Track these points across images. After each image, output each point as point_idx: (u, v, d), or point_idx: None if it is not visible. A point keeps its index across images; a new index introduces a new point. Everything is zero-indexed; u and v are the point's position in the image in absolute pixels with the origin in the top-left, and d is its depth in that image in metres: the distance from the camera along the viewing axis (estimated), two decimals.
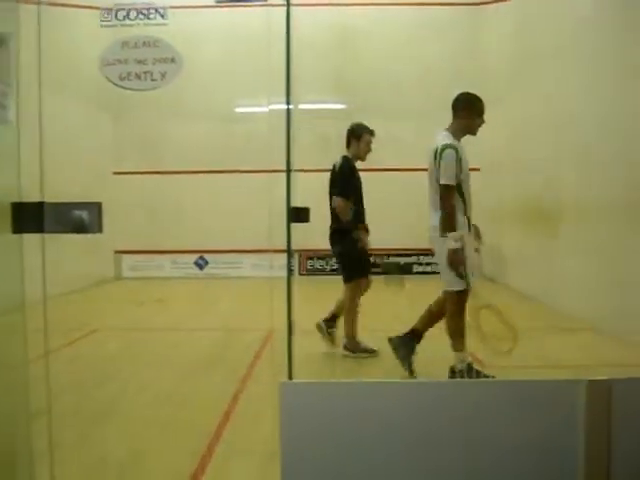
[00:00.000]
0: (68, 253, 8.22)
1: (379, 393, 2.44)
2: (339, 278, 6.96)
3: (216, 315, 9.52)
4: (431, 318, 6.09)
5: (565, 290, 8.64)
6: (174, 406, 5.29)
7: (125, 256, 13.84)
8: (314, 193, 11.18)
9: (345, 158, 6.98)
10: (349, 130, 7.01)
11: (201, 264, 13.93)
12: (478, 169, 13.21)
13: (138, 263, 13.77)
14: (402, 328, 6.14)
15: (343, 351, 6.85)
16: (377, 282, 6.92)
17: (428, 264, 13.86)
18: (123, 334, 8.20)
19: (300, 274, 13.57)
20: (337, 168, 7.02)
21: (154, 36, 4.01)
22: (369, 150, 6.98)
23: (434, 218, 5.61)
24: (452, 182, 5.47)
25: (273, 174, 4.37)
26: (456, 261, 5.45)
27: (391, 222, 13.39)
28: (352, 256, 6.85)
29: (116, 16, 4.12)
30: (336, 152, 7.04)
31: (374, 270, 13.50)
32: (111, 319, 9.17)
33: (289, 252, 4.02)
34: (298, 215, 3.84)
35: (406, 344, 6.08)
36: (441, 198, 5.50)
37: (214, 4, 12.75)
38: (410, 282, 13.10)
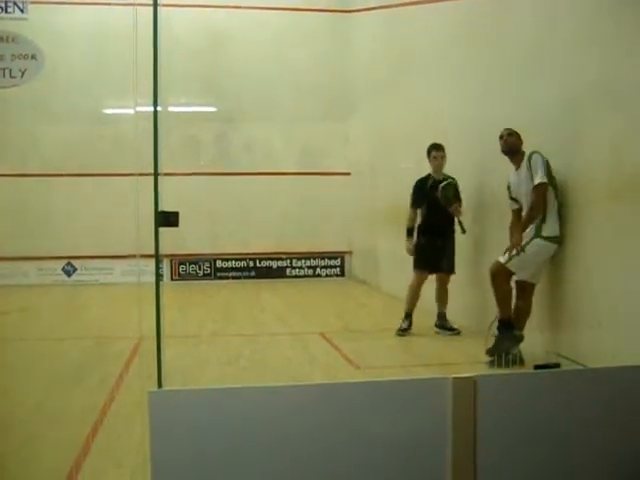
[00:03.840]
0: None
1: (250, 398, 2.42)
2: (212, 283, 6.90)
3: (85, 323, 9.19)
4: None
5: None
6: (41, 420, 5.05)
7: None
8: (186, 197, 11.06)
9: (427, 175, 8.11)
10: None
11: (69, 271, 13.44)
12: (348, 174, 13.52)
13: (1, 270, 13.09)
14: (282, 329, 6.12)
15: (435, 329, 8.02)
16: (253, 285, 6.87)
17: (301, 268, 13.96)
18: None
19: (172, 279, 13.33)
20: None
21: (13, 31, 3.82)
22: (438, 163, 7.99)
23: None
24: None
25: (141, 177, 4.26)
26: None
27: (263, 226, 13.41)
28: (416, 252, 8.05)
29: None
30: (207, 155, 6.97)
31: (248, 274, 13.41)
32: None
33: (157, 257, 3.93)
34: (167, 219, 3.76)
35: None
36: None
37: None
38: (284, 285, 13.23)
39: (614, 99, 5.53)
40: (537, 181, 6.08)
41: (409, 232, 8.08)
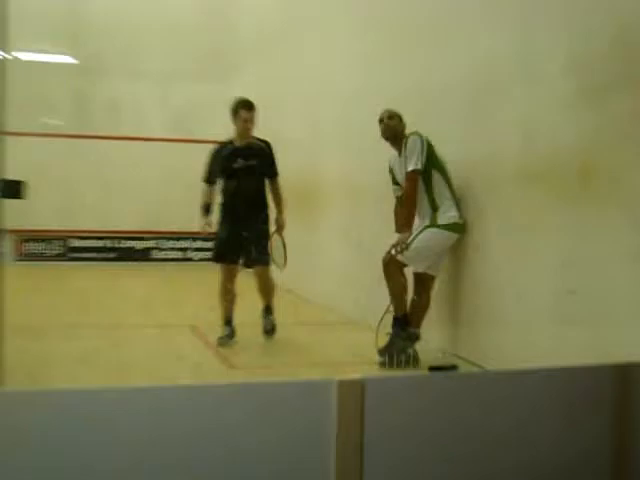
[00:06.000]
0: None
1: (105, 401, 2.37)
2: (65, 264, 6.73)
3: None
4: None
5: (323, 282, 8.98)
6: None
7: None
8: (35, 163, 10.68)
9: (227, 141, 7.45)
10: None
11: None
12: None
13: None
14: (146, 321, 6.04)
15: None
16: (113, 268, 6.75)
17: (170, 250, 13.80)
18: None
19: (16, 260, 12.88)
20: None
21: None
22: (246, 128, 7.25)
23: None
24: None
25: None
26: None
27: (127, 199, 13.12)
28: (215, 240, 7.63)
29: None
30: (63, 114, 6.76)
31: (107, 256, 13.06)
32: None
33: None
34: (10, 189, 3.61)
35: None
36: None
37: None
38: (149, 269, 13.03)
39: (526, 73, 5.68)
40: (410, 168, 6.21)
41: (204, 209, 7.45)
